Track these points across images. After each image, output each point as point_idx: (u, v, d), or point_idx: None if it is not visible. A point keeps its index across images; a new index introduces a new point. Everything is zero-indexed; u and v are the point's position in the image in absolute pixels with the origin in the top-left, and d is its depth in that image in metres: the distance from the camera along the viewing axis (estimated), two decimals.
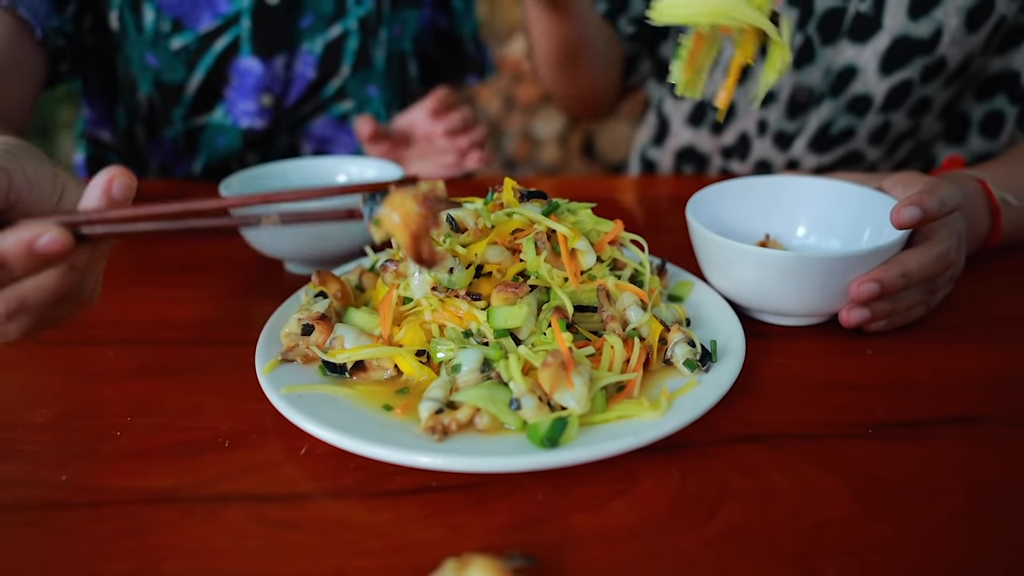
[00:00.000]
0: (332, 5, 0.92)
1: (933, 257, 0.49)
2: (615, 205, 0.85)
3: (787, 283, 0.50)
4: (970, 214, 0.59)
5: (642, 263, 0.51)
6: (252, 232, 0.62)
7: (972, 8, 0.77)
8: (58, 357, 0.51)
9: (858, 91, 0.83)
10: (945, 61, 0.80)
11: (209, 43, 0.89)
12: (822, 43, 0.83)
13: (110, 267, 0.64)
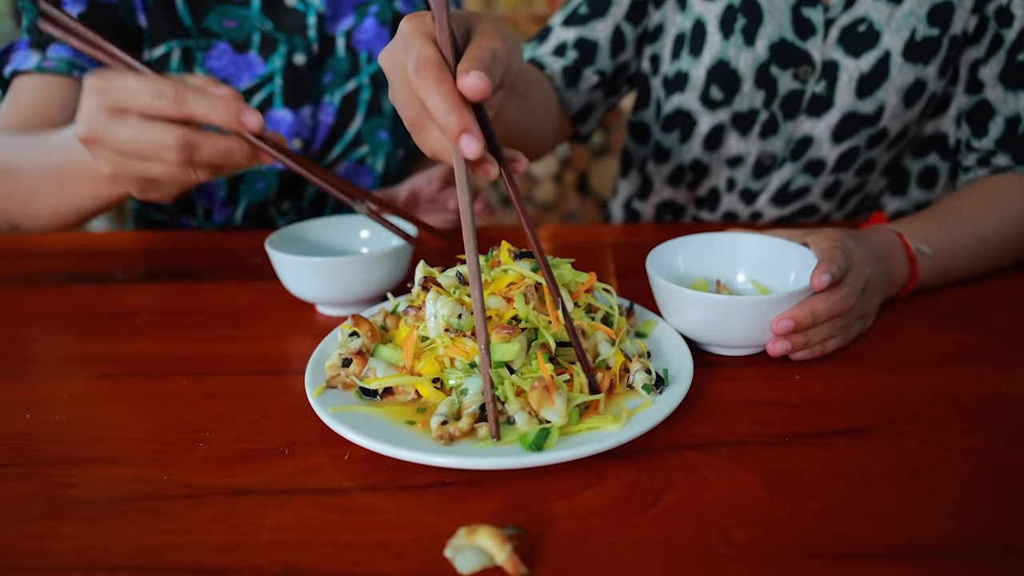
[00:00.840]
0: (348, 64, 1.08)
1: (836, 300, 0.61)
2: (603, 250, 0.97)
3: (723, 322, 0.62)
4: (889, 263, 0.72)
5: (612, 307, 0.64)
6: (290, 280, 0.75)
7: (908, 89, 0.90)
8: (145, 386, 0.63)
9: (813, 156, 0.97)
10: (887, 131, 0.93)
11: (248, 98, 1.03)
12: (784, 118, 0.96)
13: (176, 311, 0.77)
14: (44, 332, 0.76)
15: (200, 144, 0.58)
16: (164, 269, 0.92)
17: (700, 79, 0.97)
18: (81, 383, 0.64)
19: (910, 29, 0.90)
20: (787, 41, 0.93)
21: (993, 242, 0.80)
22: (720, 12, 0.95)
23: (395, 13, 1.12)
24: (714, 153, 1.01)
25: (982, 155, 0.90)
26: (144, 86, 0.58)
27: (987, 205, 0.83)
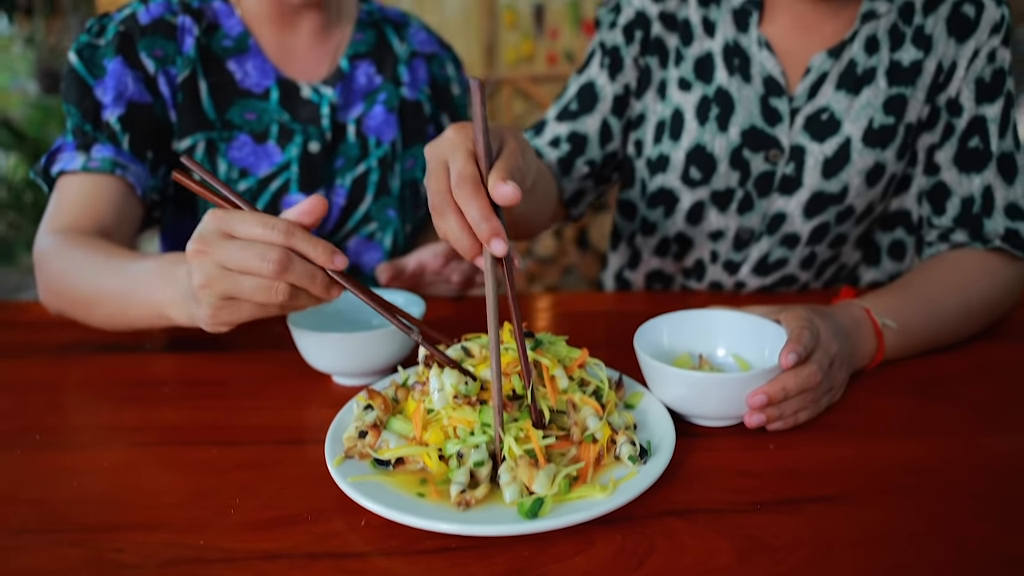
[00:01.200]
0: (358, 149, 1.16)
1: (804, 376, 0.68)
2: (597, 318, 1.04)
3: (703, 397, 0.69)
4: (855, 337, 0.79)
5: (602, 380, 0.70)
6: (309, 353, 0.81)
7: (869, 171, 0.99)
8: (178, 455, 0.69)
9: (788, 231, 1.04)
10: (853, 208, 1.01)
11: (266, 185, 1.11)
12: (758, 196, 1.04)
13: (201, 381, 0.83)
14: (81, 401, 0.82)
15: (294, 263, 0.66)
16: (188, 339, 0.99)
17: (680, 161, 1.06)
18: (119, 452, 0.70)
19: (868, 118, 0.99)
20: (757, 128, 1.02)
21: (952, 315, 0.87)
22: (696, 102, 1.05)
23: (401, 100, 1.20)
24: (696, 227, 1.09)
25: (942, 231, 0.98)
26: (257, 219, 0.66)
27: (946, 280, 0.90)
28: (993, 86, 0.97)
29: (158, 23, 1.07)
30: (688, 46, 1.07)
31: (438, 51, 1.28)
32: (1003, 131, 0.97)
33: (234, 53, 1.10)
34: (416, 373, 0.73)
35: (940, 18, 0.98)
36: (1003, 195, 0.96)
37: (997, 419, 0.74)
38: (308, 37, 1.14)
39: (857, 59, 0.99)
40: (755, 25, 1.02)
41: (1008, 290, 0.93)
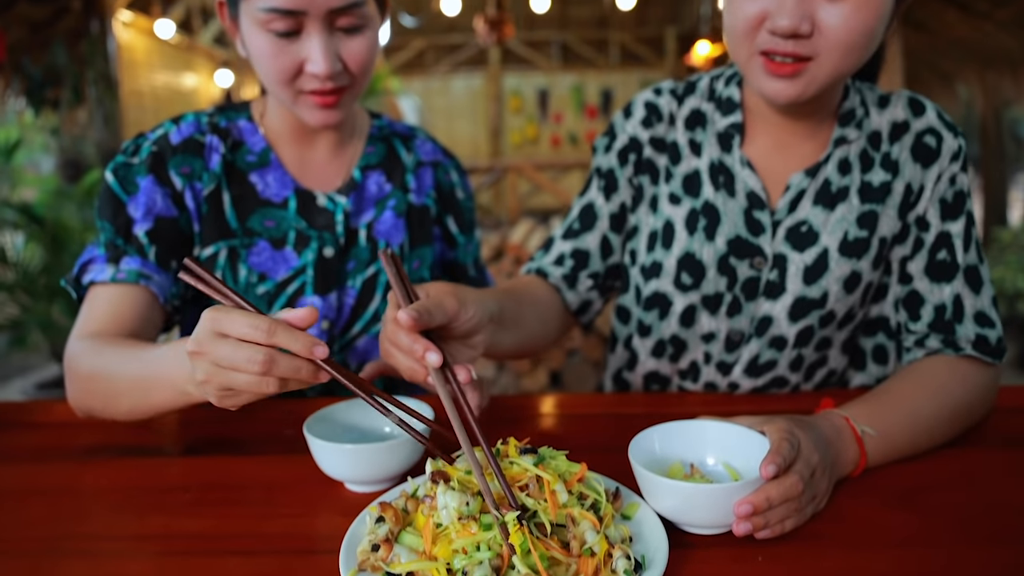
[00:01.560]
0: (368, 252, 1.23)
1: (787, 486, 0.73)
2: (596, 420, 1.09)
3: (692, 506, 0.73)
4: (837, 446, 0.84)
5: (599, 493, 0.75)
6: (324, 463, 0.86)
7: (846, 279, 1.06)
8: (200, 566, 0.74)
9: (775, 333, 1.10)
10: (834, 313, 1.08)
11: (283, 288, 1.18)
12: (746, 300, 1.11)
13: (219, 486, 0.87)
14: (105, 508, 0.87)
15: (279, 360, 0.74)
16: (206, 440, 1.04)
17: (672, 267, 1.13)
18: (144, 562, 0.75)
19: (843, 231, 1.07)
20: (742, 237, 1.10)
21: (928, 421, 0.92)
22: (685, 214, 1.13)
23: (409, 205, 1.28)
24: (689, 329, 1.15)
25: (918, 337, 1.05)
26: (245, 319, 0.73)
27: (921, 387, 0.97)
28: (955, 206, 1.06)
29: (188, 142, 1.16)
30: (677, 165, 1.16)
31: (442, 159, 1.36)
32: (967, 246, 1.05)
33: (257, 167, 1.20)
34: (425, 486, 0.77)
35: (905, 147, 1.08)
36: (971, 303, 1.03)
37: (977, 529, 0.78)
38: (324, 152, 1.24)
39: (831, 178, 1.08)
40: (737, 147, 1.11)
41: (980, 396, 0.99)
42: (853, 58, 0.93)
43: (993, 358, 1.01)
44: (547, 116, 10.86)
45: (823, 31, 0.91)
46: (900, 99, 1.10)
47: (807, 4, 0.90)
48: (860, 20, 0.90)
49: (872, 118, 1.09)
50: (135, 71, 5.63)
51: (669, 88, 1.20)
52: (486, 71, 10.39)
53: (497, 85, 9.94)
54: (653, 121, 1.18)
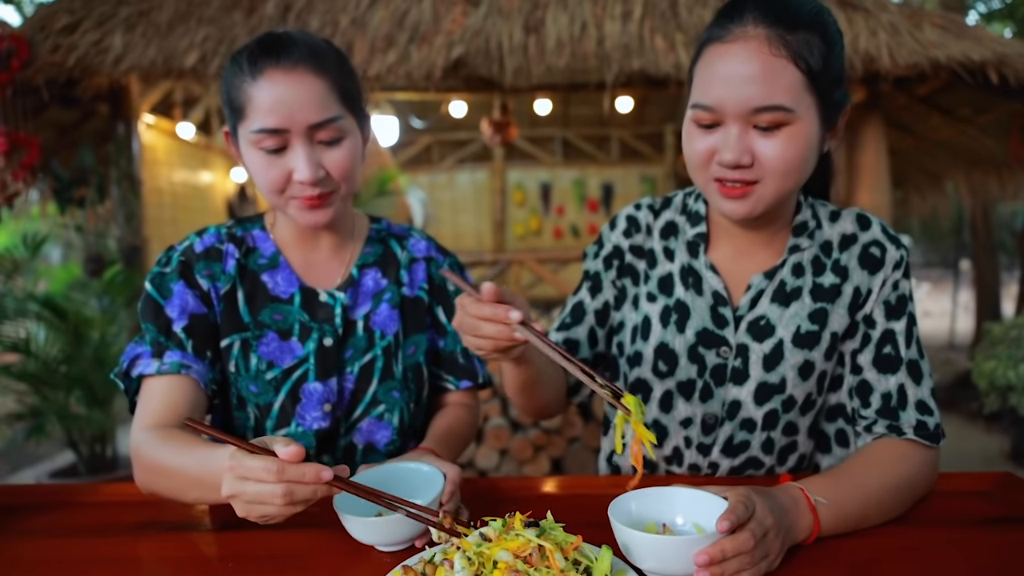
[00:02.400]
0: (365, 341, 1.37)
1: (739, 541, 0.86)
2: (593, 500, 1.22)
3: (660, 556, 0.88)
4: (793, 513, 0.98)
5: (591, 560, 0.87)
6: (355, 532, 0.99)
7: (800, 367, 1.22)
8: None
9: (744, 416, 1.25)
10: (794, 398, 1.23)
11: (289, 375, 1.33)
12: (715, 386, 1.26)
13: (258, 556, 0.99)
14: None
15: (296, 491, 0.91)
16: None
17: (650, 356, 1.29)
18: None
19: (796, 325, 1.23)
20: (708, 329, 1.26)
21: (875, 494, 1.06)
22: (660, 310, 1.30)
23: (403, 297, 1.43)
24: (668, 415, 1.30)
25: (868, 423, 1.20)
26: (259, 464, 0.90)
27: (869, 465, 1.11)
28: (898, 307, 1.23)
29: (209, 250, 1.35)
30: (653, 268, 1.34)
31: (435, 255, 1.50)
32: (908, 342, 1.21)
33: (267, 268, 1.37)
34: (443, 551, 0.90)
35: (853, 255, 1.25)
36: (913, 392, 1.19)
37: None
38: (326, 253, 1.41)
39: (787, 280, 1.25)
40: (703, 253, 1.29)
41: (920, 473, 1.14)
42: (791, 180, 1.11)
43: (931, 442, 1.16)
44: (550, 209, 11.18)
45: (762, 161, 1.09)
46: (850, 214, 1.28)
47: (746, 140, 1.08)
48: (791, 150, 1.07)
49: (824, 230, 1.27)
50: (156, 169, 5.92)
51: (647, 204, 1.39)
52: (490, 166, 10.77)
53: (501, 179, 10.30)
54: (633, 232, 1.37)
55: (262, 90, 1.20)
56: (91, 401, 4.11)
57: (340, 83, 1.27)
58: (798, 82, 1.06)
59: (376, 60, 3.61)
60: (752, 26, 1.06)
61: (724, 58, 1.07)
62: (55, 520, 1.18)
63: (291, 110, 1.20)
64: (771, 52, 1.05)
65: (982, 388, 5.12)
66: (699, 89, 1.11)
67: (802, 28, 1.06)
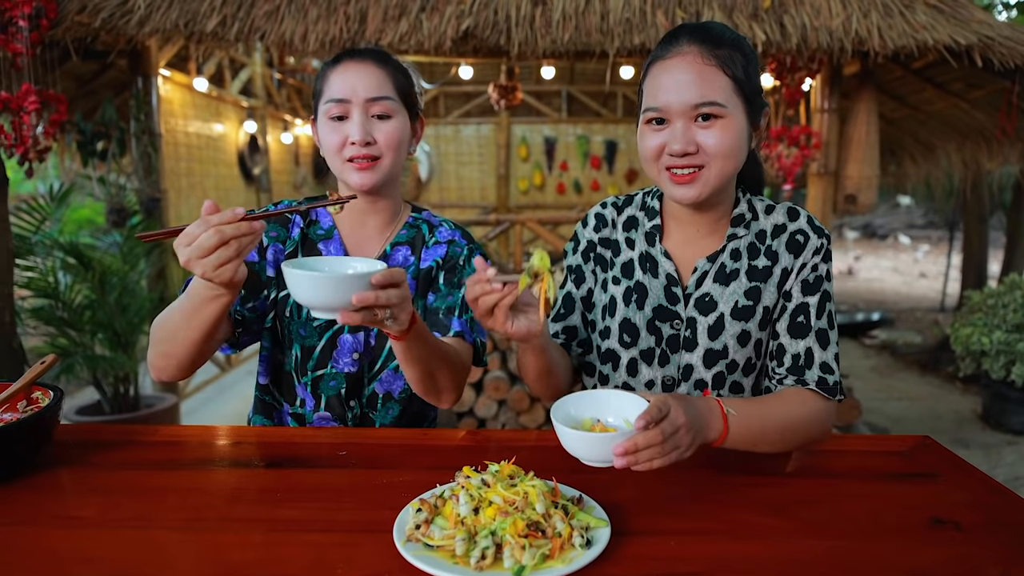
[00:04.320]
0: None
1: (650, 436, 1.09)
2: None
3: (587, 448, 1.13)
4: (706, 417, 1.23)
5: (567, 499, 1.11)
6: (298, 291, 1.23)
7: (738, 335, 1.47)
8: (298, 537, 1.10)
9: (696, 378, 1.51)
10: (736, 362, 1.49)
11: (331, 324, 1.61)
12: (671, 353, 1.51)
13: (300, 488, 1.23)
14: (222, 501, 1.23)
15: (224, 231, 1.14)
16: (284, 457, 1.41)
17: (616, 330, 1.55)
18: (260, 535, 1.11)
19: (734, 300, 1.48)
20: (663, 305, 1.51)
21: (774, 422, 1.34)
22: (623, 291, 1.55)
23: (419, 269, 1.67)
24: (635, 379, 1.55)
25: (779, 378, 1.47)
26: (191, 226, 1.16)
27: (775, 399, 1.41)
28: (814, 286, 1.48)
29: (281, 216, 1.63)
30: (617, 256, 1.59)
31: (458, 240, 1.73)
32: (819, 315, 1.47)
33: (323, 239, 1.66)
34: (451, 488, 1.15)
35: (782, 241, 1.50)
36: (819, 356, 1.45)
37: (829, 531, 1.14)
38: (371, 231, 1.69)
39: (726, 263, 1.50)
40: (658, 242, 1.54)
41: (816, 417, 1.40)
42: (730, 163, 1.36)
43: (829, 395, 1.43)
44: (554, 164, 11.31)
45: (704, 147, 1.34)
46: (782, 208, 1.53)
47: (690, 133, 1.34)
48: (727, 137, 1.33)
49: (760, 220, 1.52)
50: (172, 122, 6.08)
51: (612, 202, 1.64)
52: (496, 120, 10.87)
53: (506, 133, 10.42)
54: (601, 227, 1.63)
55: (337, 73, 1.56)
56: (115, 344, 4.36)
57: (397, 79, 1.59)
58: (727, 85, 1.32)
59: (389, 29, 3.76)
60: (687, 44, 1.33)
61: (667, 70, 1.34)
62: (123, 456, 1.42)
63: (353, 85, 1.53)
64: (704, 62, 1.32)
65: (958, 352, 5.38)
66: (649, 97, 1.37)
67: (726, 46, 1.33)
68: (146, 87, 4.87)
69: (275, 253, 1.62)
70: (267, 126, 8.41)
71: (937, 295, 11.41)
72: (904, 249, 20.23)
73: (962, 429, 5.50)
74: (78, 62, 4.83)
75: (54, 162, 5.51)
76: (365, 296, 1.18)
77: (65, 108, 4.00)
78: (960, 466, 1.39)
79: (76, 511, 1.20)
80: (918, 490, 1.30)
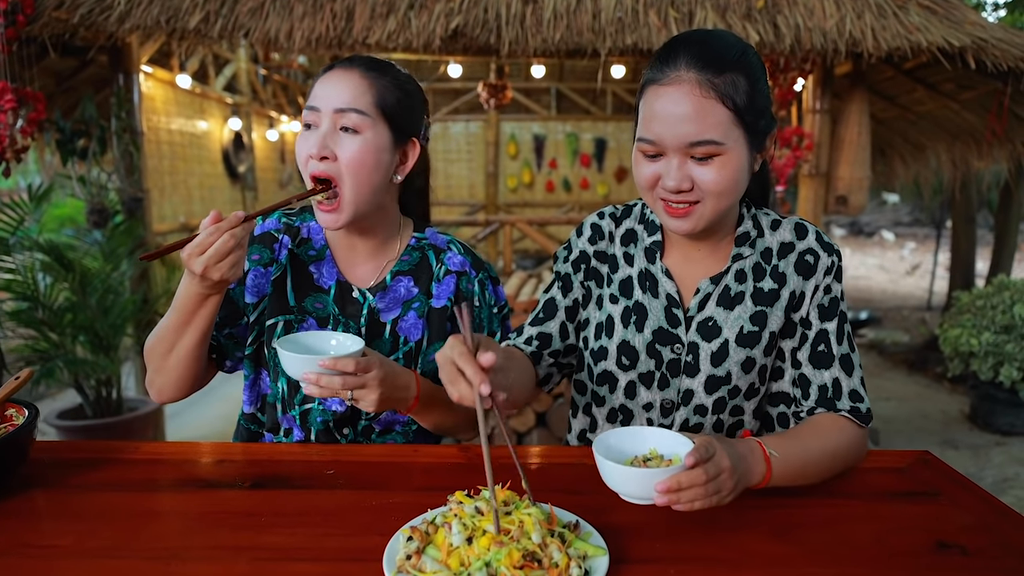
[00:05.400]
0: (389, 344, 1.55)
1: (694, 475, 1.06)
2: (570, 468, 1.42)
3: (630, 483, 1.10)
4: (748, 460, 1.19)
5: (564, 524, 1.07)
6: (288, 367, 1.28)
7: (743, 363, 1.42)
8: (282, 568, 1.06)
9: (697, 403, 1.46)
10: (739, 388, 1.44)
11: None
12: (671, 377, 1.46)
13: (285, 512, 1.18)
14: (205, 526, 1.19)
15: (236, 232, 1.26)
16: (269, 477, 1.36)
17: (614, 352, 1.48)
18: (244, 565, 1.07)
19: (739, 326, 1.42)
20: (664, 328, 1.45)
21: (814, 456, 1.29)
22: (621, 311, 1.49)
23: (429, 308, 1.59)
24: (632, 400, 1.50)
25: (808, 408, 1.42)
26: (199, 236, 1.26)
27: (812, 431, 1.34)
28: (830, 310, 1.43)
29: (264, 235, 1.55)
30: (615, 272, 1.52)
31: (469, 270, 1.63)
32: (840, 340, 1.42)
33: (315, 260, 1.56)
34: (443, 514, 1.10)
35: (790, 262, 1.44)
36: (846, 384, 1.40)
37: (831, 556, 1.11)
38: (364, 254, 1.58)
39: (731, 285, 1.44)
40: (659, 259, 1.48)
41: (851, 443, 1.35)
42: (726, 200, 1.30)
43: (862, 422, 1.38)
44: (543, 162, 11.28)
45: (700, 185, 1.28)
46: (789, 223, 1.47)
47: (684, 169, 1.27)
48: (724, 175, 1.26)
49: (766, 238, 1.46)
50: (154, 119, 6.00)
51: (609, 212, 1.58)
52: (485, 117, 10.82)
53: (495, 131, 10.36)
54: (597, 239, 1.55)
55: (321, 79, 1.44)
56: (96, 347, 4.29)
57: (383, 93, 1.43)
58: (726, 119, 1.23)
59: (376, 27, 3.70)
60: (685, 70, 1.23)
61: (662, 99, 1.25)
62: (102, 476, 1.36)
63: (327, 93, 1.41)
64: (701, 94, 1.22)
65: (946, 353, 5.38)
66: (643, 125, 1.30)
67: (728, 70, 1.23)
68: (127, 84, 4.78)
69: (255, 277, 1.53)
70: (252, 123, 8.32)
71: (924, 293, 11.46)
72: (890, 246, 20.32)
73: (950, 430, 5.51)
74: (57, 58, 4.74)
75: (35, 157, 5.43)
76: (308, 376, 1.26)
77: (43, 106, 3.91)
78: (961, 483, 1.36)
79: (51, 539, 1.14)
80: (920, 510, 1.27)
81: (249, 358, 1.57)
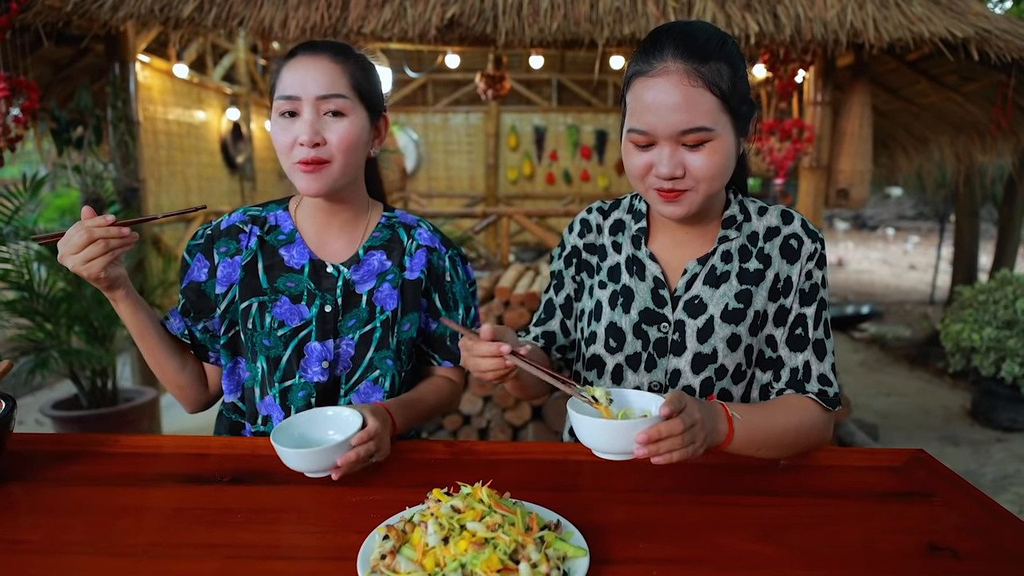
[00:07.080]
0: (367, 313, 1.56)
1: (671, 425, 1.08)
2: (556, 465, 1.39)
3: (606, 437, 1.10)
4: (714, 419, 1.21)
5: (546, 524, 1.05)
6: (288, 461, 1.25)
7: (728, 339, 1.42)
8: (256, 566, 1.03)
9: (684, 383, 1.45)
10: (725, 367, 1.43)
11: (296, 333, 1.53)
12: (658, 357, 1.45)
13: (262, 508, 1.15)
14: (180, 523, 1.16)
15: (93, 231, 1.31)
16: (248, 472, 1.33)
17: (601, 335, 1.49)
18: (216, 563, 1.04)
19: (724, 303, 1.43)
20: (650, 308, 1.46)
21: (777, 428, 1.31)
22: (609, 295, 1.50)
23: (404, 280, 1.60)
24: (620, 384, 1.49)
25: (778, 391, 1.43)
26: (70, 231, 1.32)
27: (777, 405, 1.37)
28: (810, 295, 1.44)
29: (230, 228, 1.57)
30: (604, 261, 1.54)
31: (439, 247, 1.66)
32: (816, 325, 1.43)
33: (285, 244, 1.58)
34: (420, 512, 1.07)
35: (775, 245, 1.44)
36: (816, 368, 1.42)
37: (819, 557, 1.08)
38: (336, 232, 1.60)
39: (716, 265, 1.45)
40: (644, 244, 1.49)
41: (815, 426, 1.38)
42: (717, 183, 1.31)
43: (828, 405, 1.40)
44: (543, 154, 11.22)
45: (691, 171, 1.29)
46: (776, 210, 1.48)
47: (676, 156, 1.28)
48: (715, 160, 1.28)
49: (752, 222, 1.47)
50: (151, 109, 5.96)
51: (597, 207, 1.60)
52: (485, 108, 10.76)
53: (496, 122, 10.29)
54: (586, 233, 1.58)
55: (289, 68, 1.45)
56: (92, 337, 4.27)
57: (354, 75, 1.48)
58: (714, 106, 1.25)
59: (372, 16, 3.66)
60: (671, 61, 1.25)
61: (651, 90, 1.26)
62: (79, 469, 1.35)
63: (304, 81, 1.43)
64: (690, 83, 1.24)
65: (948, 348, 5.34)
66: (633, 116, 1.30)
67: (712, 59, 1.25)
68: (123, 73, 4.75)
69: (223, 268, 1.55)
70: (251, 113, 8.28)
71: (926, 287, 11.41)
72: (893, 240, 20.25)
73: (951, 425, 5.48)
74: (52, 47, 4.70)
75: (33, 146, 5.40)
76: (348, 457, 1.26)
77: (37, 95, 3.88)
78: (955, 483, 1.33)
79: (23, 534, 1.12)
80: (913, 511, 1.24)
81: (225, 347, 1.58)
